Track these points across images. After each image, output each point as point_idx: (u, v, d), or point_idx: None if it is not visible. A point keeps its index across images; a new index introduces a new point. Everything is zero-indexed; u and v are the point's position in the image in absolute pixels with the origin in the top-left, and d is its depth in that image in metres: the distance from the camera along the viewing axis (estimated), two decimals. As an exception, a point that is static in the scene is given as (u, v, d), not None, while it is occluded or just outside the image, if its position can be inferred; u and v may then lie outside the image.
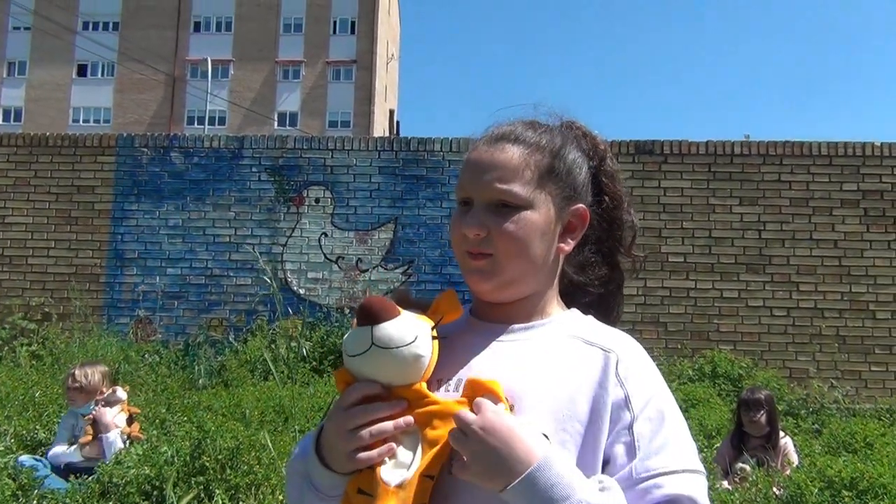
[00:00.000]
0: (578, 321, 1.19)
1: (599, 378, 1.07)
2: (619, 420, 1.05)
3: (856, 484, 4.20)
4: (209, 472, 4.26)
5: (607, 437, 1.04)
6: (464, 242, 1.15)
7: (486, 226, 1.12)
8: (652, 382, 1.10)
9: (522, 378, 1.08)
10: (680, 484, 1.02)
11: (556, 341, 1.14)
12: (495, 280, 1.13)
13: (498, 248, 1.12)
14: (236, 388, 7.14)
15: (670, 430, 1.06)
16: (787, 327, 8.44)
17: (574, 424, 1.04)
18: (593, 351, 1.11)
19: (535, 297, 1.18)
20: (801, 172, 8.60)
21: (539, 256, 1.15)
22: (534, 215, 1.13)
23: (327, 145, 9.16)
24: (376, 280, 8.87)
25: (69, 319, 8.74)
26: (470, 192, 1.16)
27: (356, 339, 1.05)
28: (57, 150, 9.26)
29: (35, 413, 5.98)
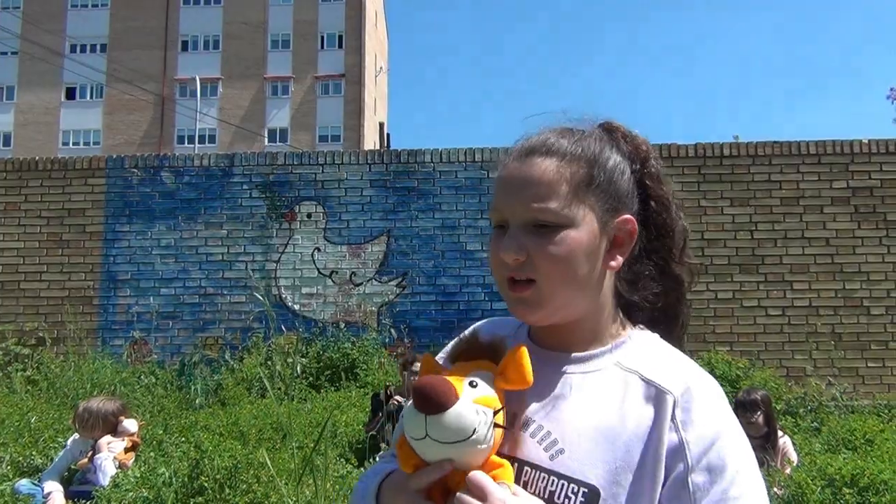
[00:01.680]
0: (640, 349, 1.09)
1: (654, 423, 0.99)
2: (675, 470, 0.96)
3: (857, 481, 4.20)
4: (208, 493, 4.23)
5: (661, 490, 0.96)
6: (503, 268, 1.07)
7: (525, 249, 1.04)
8: (714, 426, 0.98)
9: (575, 422, 1.02)
10: None
11: (613, 378, 1.05)
12: (542, 310, 1.06)
13: (540, 273, 1.03)
14: (233, 407, 7.12)
15: (733, 479, 0.96)
16: (782, 326, 8.45)
17: (627, 476, 0.96)
18: (651, 391, 1.02)
19: (589, 318, 1.09)
20: (790, 172, 8.64)
21: (586, 278, 1.05)
22: (576, 233, 1.04)
23: (318, 160, 9.16)
24: (371, 293, 8.86)
25: (63, 343, 8.70)
26: (504, 214, 1.07)
27: (412, 423, 0.99)
28: (47, 174, 9.24)
29: (31, 439, 5.94)
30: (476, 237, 8.79)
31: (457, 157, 8.97)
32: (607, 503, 0.95)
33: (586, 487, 0.96)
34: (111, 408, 5.00)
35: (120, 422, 5.02)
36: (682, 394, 1.00)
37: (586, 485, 0.96)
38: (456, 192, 8.93)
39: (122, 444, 4.98)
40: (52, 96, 45.97)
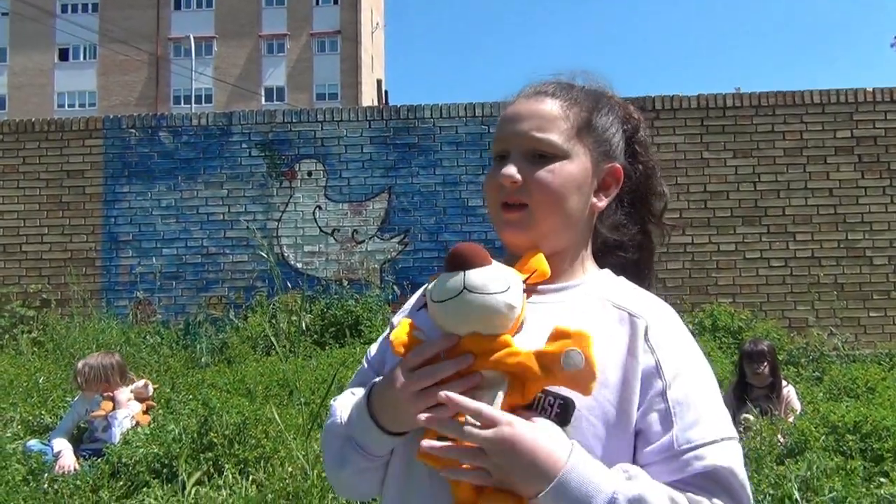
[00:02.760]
0: (610, 283, 1.17)
1: (629, 345, 1.05)
2: (651, 388, 1.03)
3: (859, 428, 4.24)
4: (217, 448, 4.28)
5: (639, 407, 1.02)
6: (499, 192, 1.12)
7: (522, 173, 1.10)
8: (683, 349, 1.08)
9: None
10: (720, 454, 1.00)
11: (587, 305, 1.11)
12: (530, 233, 1.11)
13: (533, 198, 1.10)
14: (239, 365, 7.16)
15: (706, 396, 1.04)
16: (784, 277, 8.46)
17: (604, 392, 1.02)
18: (623, 315, 1.09)
19: (567, 253, 1.16)
20: (794, 122, 8.56)
21: (574, 210, 1.13)
22: (570, 166, 1.12)
23: (316, 117, 9.08)
24: (373, 251, 8.85)
25: (68, 305, 8.72)
26: (507, 144, 1.14)
27: (445, 283, 1.02)
28: (44, 136, 9.17)
29: (40, 399, 5.99)
30: (477, 193, 8.74)
31: (457, 113, 8.89)
32: (582, 413, 1.00)
33: (561, 399, 1.00)
34: (111, 361, 5.03)
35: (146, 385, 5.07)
36: (653, 318, 1.08)
37: (561, 396, 1.00)
38: (457, 147, 8.86)
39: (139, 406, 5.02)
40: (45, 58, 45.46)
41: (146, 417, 5.03)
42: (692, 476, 0.99)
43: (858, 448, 4.07)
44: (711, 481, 1.00)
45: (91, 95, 45.65)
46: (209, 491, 3.83)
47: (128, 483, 4.27)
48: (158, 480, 4.23)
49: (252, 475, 4.13)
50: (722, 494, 1.00)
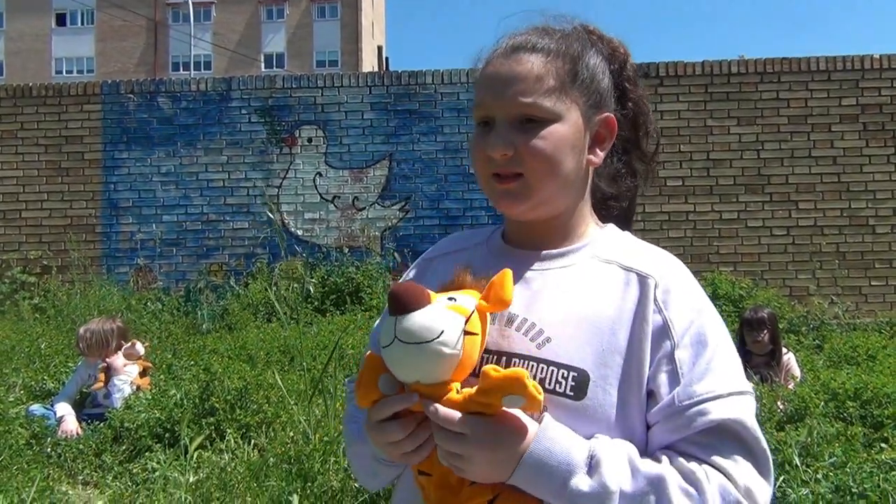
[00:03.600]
0: (614, 242, 1.13)
1: (638, 306, 1.02)
2: (660, 349, 0.99)
3: (860, 395, 4.25)
4: (219, 413, 4.30)
5: (649, 369, 0.99)
6: (488, 164, 1.07)
7: (512, 144, 1.04)
8: (693, 305, 1.03)
9: (558, 312, 1.03)
10: (726, 408, 0.96)
11: (592, 268, 1.08)
12: (528, 202, 1.07)
13: (528, 167, 1.05)
14: (240, 331, 7.18)
15: (714, 352, 0.99)
16: (786, 246, 8.44)
17: (615, 358, 0.99)
18: (631, 277, 1.05)
19: (567, 215, 1.12)
20: (799, 89, 8.47)
21: (570, 172, 1.08)
22: (562, 128, 1.06)
23: (317, 83, 8.98)
24: (374, 218, 8.82)
25: (68, 271, 8.72)
26: (490, 110, 1.07)
27: (384, 328, 0.97)
28: (41, 101, 9.09)
29: (42, 364, 6.01)
30: (479, 160, 8.67)
31: (458, 78, 8.79)
32: (597, 384, 0.98)
33: (575, 371, 0.98)
34: (112, 326, 5.03)
35: (133, 344, 5.06)
36: (661, 277, 1.04)
37: (575, 369, 0.98)
38: (458, 114, 8.78)
39: (136, 367, 5.03)
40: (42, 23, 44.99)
41: (146, 380, 5.04)
42: (697, 434, 0.95)
43: (859, 415, 4.07)
44: (718, 437, 0.95)
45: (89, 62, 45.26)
46: (211, 455, 3.84)
47: (130, 447, 4.30)
48: (161, 445, 4.25)
49: (254, 440, 4.15)
50: (732, 449, 0.95)
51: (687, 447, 0.96)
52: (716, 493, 0.92)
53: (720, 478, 0.93)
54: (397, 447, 0.98)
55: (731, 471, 0.94)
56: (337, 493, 3.33)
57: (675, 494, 0.91)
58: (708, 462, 0.94)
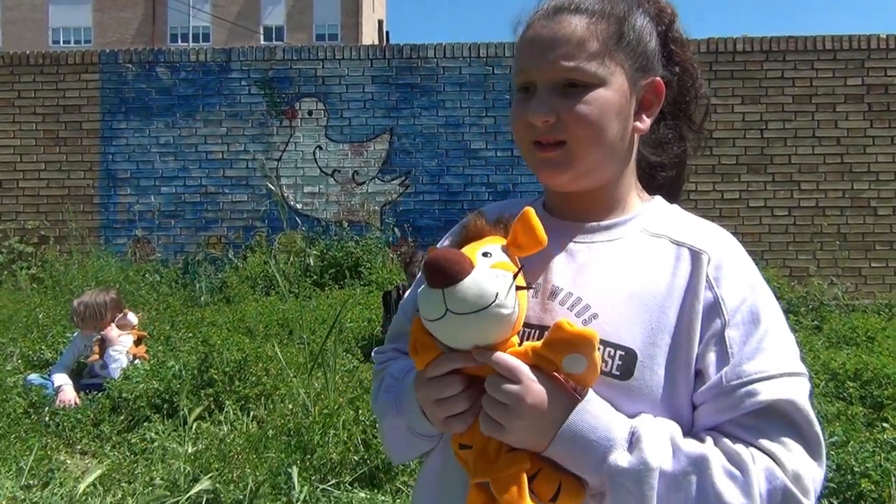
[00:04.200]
0: (663, 215, 1.08)
1: (689, 283, 0.97)
2: (710, 327, 0.94)
3: (860, 375, 4.24)
4: (218, 385, 4.29)
5: (698, 347, 0.94)
6: (529, 131, 1.02)
7: (554, 110, 0.99)
8: (747, 282, 0.98)
9: (606, 287, 0.99)
10: (777, 389, 0.91)
11: (641, 242, 1.03)
12: (571, 171, 1.02)
13: (571, 135, 1.00)
14: (238, 304, 7.16)
15: (766, 331, 0.94)
16: (787, 227, 8.41)
17: (664, 336, 0.95)
18: (682, 252, 1.00)
19: (612, 185, 1.07)
20: (804, 68, 8.40)
21: (616, 139, 1.02)
22: (607, 93, 1.00)
23: (317, 55, 8.88)
24: (373, 192, 8.77)
25: (66, 242, 8.67)
26: (532, 76, 1.02)
27: (429, 302, 0.91)
28: (39, 69, 8.98)
29: (40, 334, 5.99)
30: (480, 135, 8.62)
31: (461, 53, 8.70)
32: (645, 364, 0.94)
33: (623, 350, 0.94)
34: (106, 298, 4.99)
35: (124, 314, 5.04)
36: (715, 252, 0.99)
37: (623, 347, 0.94)
38: (460, 88, 8.70)
39: (131, 337, 5.01)
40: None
41: (141, 348, 5.02)
42: (745, 415, 0.91)
43: (859, 395, 4.07)
44: (767, 419, 0.91)
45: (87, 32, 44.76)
46: (210, 426, 3.83)
47: (128, 417, 4.29)
48: (159, 415, 4.24)
49: (253, 411, 4.14)
50: (782, 432, 0.90)
51: (734, 429, 0.92)
52: (761, 476, 0.87)
53: (766, 460, 0.89)
54: (447, 406, 0.95)
55: (780, 454, 0.89)
56: (336, 466, 3.33)
57: (717, 475, 0.87)
58: (755, 445, 0.90)
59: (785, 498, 0.87)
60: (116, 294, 5.23)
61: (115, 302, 5.05)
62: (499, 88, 8.64)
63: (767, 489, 0.87)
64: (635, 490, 0.87)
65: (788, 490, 0.87)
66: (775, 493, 0.87)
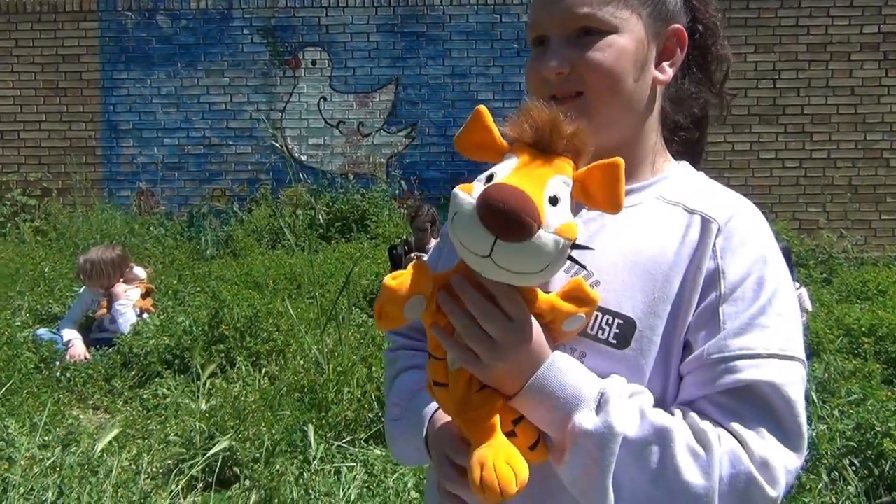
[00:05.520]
0: (684, 182, 1.02)
1: (695, 252, 0.92)
2: (706, 298, 0.90)
3: (875, 331, 4.22)
4: (229, 341, 4.27)
5: (691, 318, 0.90)
6: (544, 87, 0.97)
7: (568, 61, 0.95)
8: (754, 255, 0.92)
9: (612, 255, 0.95)
10: (762, 370, 0.85)
11: (655, 210, 0.98)
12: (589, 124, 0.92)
13: (587, 84, 0.95)
14: (245, 258, 7.12)
15: (765, 307, 0.88)
16: (798, 178, 8.32)
17: (665, 307, 0.91)
18: (694, 219, 0.95)
19: (634, 143, 1.01)
20: (820, 15, 8.19)
21: (634, 89, 0.97)
22: (622, 39, 0.95)
23: (321, 3, 8.67)
24: (379, 144, 8.65)
25: (69, 194, 8.60)
26: (544, 27, 0.98)
27: (475, 236, 0.80)
28: (36, 17, 8.78)
29: (47, 288, 5.98)
30: (488, 86, 8.46)
31: (468, 0, 8.48)
32: (644, 334, 0.90)
33: (621, 319, 0.91)
34: (112, 255, 4.97)
35: (130, 268, 5.01)
36: (727, 221, 0.94)
37: (621, 316, 0.91)
38: (467, 37, 8.51)
39: (137, 290, 4.99)
40: (31, -65, 43.40)
41: (148, 301, 5.00)
42: (721, 393, 0.86)
43: (874, 351, 4.05)
44: (745, 401, 0.85)
45: (82, -23, 43.92)
46: (222, 382, 3.83)
47: (140, 373, 4.29)
48: (170, 371, 4.24)
49: (265, 368, 4.13)
50: (758, 418, 0.85)
51: (707, 406, 0.87)
52: (725, 459, 0.83)
53: (733, 443, 0.84)
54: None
55: (749, 440, 0.84)
56: (351, 423, 3.32)
57: (679, 450, 0.83)
58: (725, 427, 0.85)
59: (748, 485, 0.82)
60: (122, 250, 5.20)
61: (121, 258, 5.02)
62: (506, 37, 8.45)
63: (730, 473, 0.83)
64: (596, 453, 0.83)
65: (752, 477, 0.82)
66: (738, 477, 0.82)
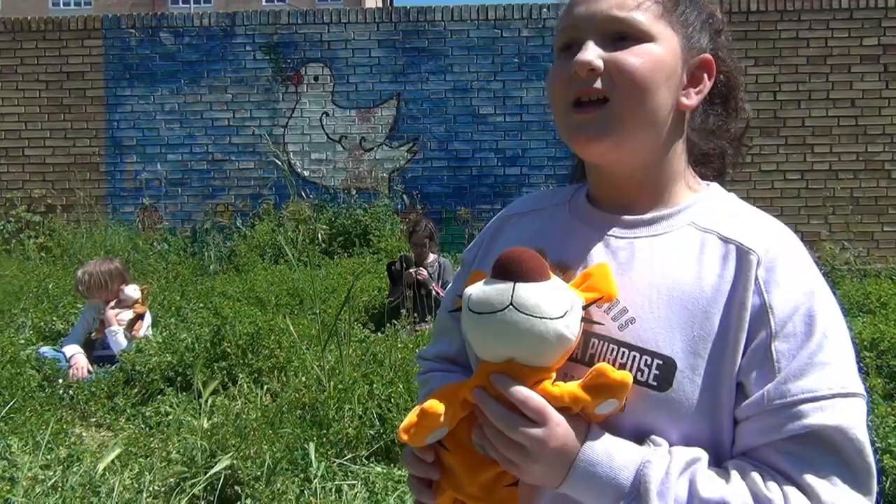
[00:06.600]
0: (716, 207, 0.96)
1: (735, 286, 0.87)
2: (756, 337, 0.85)
3: (877, 345, 4.21)
4: (231, 358, 4.28)
5: (741, 359, 0.85)
6: (569, 88, 0.92)
7: (601, 59, 0.90)
8: (801, 287, 0.87)
9: (646, 289, 0.90)
10: (827, 412, 0.81)
11: (688, 238, 0.93)
12: (611, 136, 0.91)
13: (616, 89, 0.90)
14: (248, 273, 7.14)
15: (820, 344, 0.84)
16: (800, 190, 8.33)
17: (706, 345, 0.86)
18: (730, 249, 0.90)
19: (656, 168, 0.97)
20: (819, 28, 8.23)
21: (660, 106, 0.92)
22: (658, 49, 0.91)
23: (322, 19, 8.74)
24: (381, 159, 8.69)
25: (74, 210, 8.64)
26: (577, 31, 0.93)
27: (489, 294, 0.85)
28: (41, 35, 8.86)
29: (50, 305, 5.99)
30: (489, 100, 8.50)
31: (469, 15, 8.54)
32: (685, 374, 0.85)
33: (660, 359, 0.86)
34: (110, 267, 4.98)
35: (122, 290, 4.98)
36: (766, 252, 0.88)
37: (660, 356, 0.86)
38: (468, 52, 8.56)
39: (129, 313, 4.96)
40: (37, -47, 43.75)
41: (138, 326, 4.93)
42: (787, 440, 0.82)
43: (875, 365, 4.04)
44: (813, 447, 0.82)
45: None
46: (224, 400, 3.83)
47: (142, 390, 4.30)
48: (172, 388, 4.25)
49: (266, 385, 4.14)
50: (828, 464, 0.81)
51: (773, 456, 0.83)
52: None
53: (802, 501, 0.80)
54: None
55: (821, 492, 0.80)
56: (352, 440, 3.33)
57: None
58: (794, 479, 0.81)
59: None
60: (121, 263, 5.21)
61: (118, 271, 5.03)
62: (507, 52, 8.50)
63: None
64: None
65: None
66: None
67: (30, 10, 37.06)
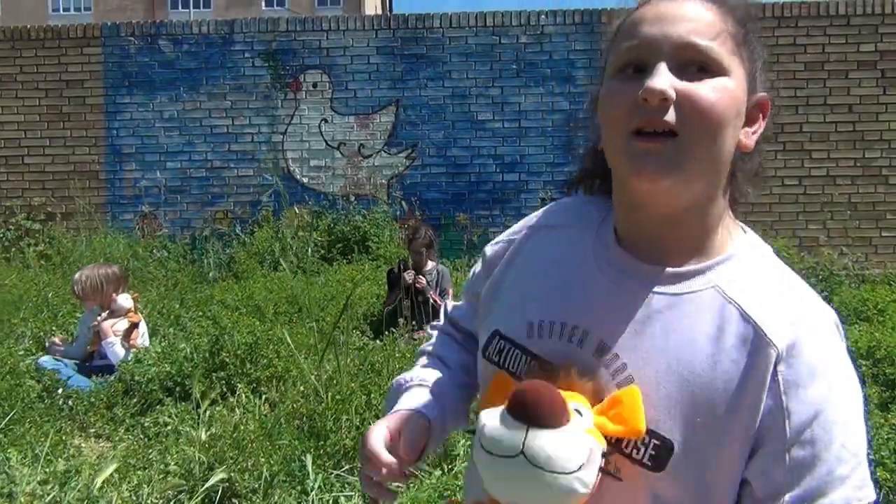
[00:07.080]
0: (747, 269, 0.90)
1: (750, 377, 0.82)
2: (768, 439, 0.82)
3: (873, 353, 4.22)
4: (229, 367, 4.29)
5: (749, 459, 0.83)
6: (634, 115, 0.84)
7: (675, 89, 0.82)
8: (826, 388, 0.82)
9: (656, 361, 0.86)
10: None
11: (709, 307, 0.87)
12: (675, 174, 0.84)
13: (687, 123, 0.82)
14: (247, 280, 7.15)
15: (840, 454, 0.81)
16: (798, 196, 8.34)
17: (710, 436, 0.83)
18: (748, 333, 0.84)
19: (704, 209, 0.90)
20: (817, 34, 8.25)
21: (725, 146, 0.86)
22: (732, 84, 0.85)
23: (321, 26, 8.76)
24: (380, 165, 8.71)
25: (73, 218, 8.66)
26: (646, 52, 0.85)
27: (502, 436, 0.79)
28: (40, 44, 8.88)
29: (50, 314, 6.01)
30: (487, 106, 8.52)
31: (467, 22, 8.57)
32: (679, 459, 0.82)
33: (658, 439, 0.83)
34: (107, 271, 5.02)
35: (115, 300, 4.98)
36: (789, 346, 0.82)
37: (659, 436, 0.83)
38: (466, 59, 8.58)
39: (124, 323, 4.97)
40: (37, -42, 43.82)
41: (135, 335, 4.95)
42: None
43: (871, 374, 4.05)
44: None
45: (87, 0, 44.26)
46: (223, 409, 3.85)
47: (141, 400, 4.31)
48: (171, 398, 4.26)
49: (265, 394, 4.15)
50: None
51: None
52: None
53: None
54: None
55: None
56: (350, 452, 3.34)
57: None
58: None
59: None
60: (119, 269, 5.23)
61: (115, 276, 5.05)
62: (506, 58, 8.52)
63: None
64: None
65: None
66: None
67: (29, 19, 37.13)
